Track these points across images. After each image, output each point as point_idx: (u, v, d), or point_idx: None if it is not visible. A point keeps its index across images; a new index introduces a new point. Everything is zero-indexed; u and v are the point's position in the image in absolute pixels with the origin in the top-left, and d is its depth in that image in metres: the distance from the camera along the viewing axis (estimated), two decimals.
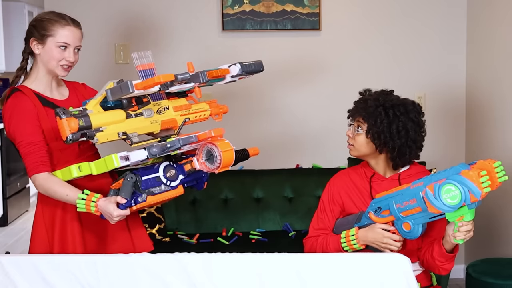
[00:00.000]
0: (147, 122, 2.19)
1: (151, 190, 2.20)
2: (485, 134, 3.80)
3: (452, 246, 2.19)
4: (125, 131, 2.14)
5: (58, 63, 2.32)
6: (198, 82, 2.24)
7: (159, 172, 2.23)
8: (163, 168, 2.24)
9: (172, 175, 2.25)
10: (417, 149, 2.31)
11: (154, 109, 2.22)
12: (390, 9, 4.00)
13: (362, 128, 2.31)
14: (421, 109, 2.35)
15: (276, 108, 4.00)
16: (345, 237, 2.28)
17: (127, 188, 2.14)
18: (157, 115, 2.22)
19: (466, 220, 2.05)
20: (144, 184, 2.18)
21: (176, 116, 2.28)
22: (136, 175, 2.17)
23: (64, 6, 3.86)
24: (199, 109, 2.35)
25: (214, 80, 2.28)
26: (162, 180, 2.23)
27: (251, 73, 2.39)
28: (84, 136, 2.06)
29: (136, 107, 2.19)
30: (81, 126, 2.03)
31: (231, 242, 3.52)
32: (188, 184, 2.33)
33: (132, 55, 2.16)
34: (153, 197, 2.20)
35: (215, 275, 1.99)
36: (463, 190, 1.97)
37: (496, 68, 3.65)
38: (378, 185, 2.34)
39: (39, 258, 2.06)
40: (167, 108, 2.26)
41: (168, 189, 2.24)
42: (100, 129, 2.09)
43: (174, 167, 2.27)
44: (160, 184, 2.22)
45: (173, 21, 3.91)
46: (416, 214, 2.13)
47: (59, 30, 2.32)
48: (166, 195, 2.24)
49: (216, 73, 2.25)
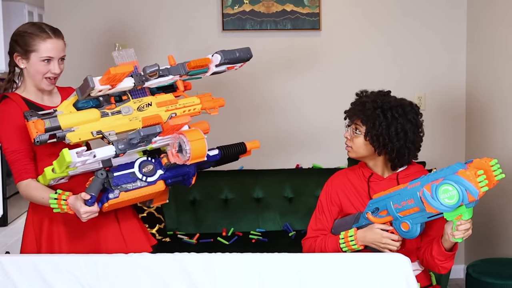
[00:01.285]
0: (126, 119, 2.14)
1: (124, 186, 2.13)
2: (485, 134, 3.80)
3: (451, 244, 2.19)
4: (99, 130, 2.10)
5: (44, 76, 2.32)
6: (177, 74, 2.18)
7: (134, 168, 2.16)
8: (139, 163, 2.17)
9: (149, 170, 2.17)
10: (416, 150, 2.31)
11: (134, 106, 2.15)
12: (390, 9, 4.01)
13: (360, 131, 2.30)
14: (419, 110, 2.34)
15: (276, 108, 4.00)
16: (344, 238, 2.27)
17: (94, 184, 2.10)
18: (137, 112, 2.15)
19: (464, 219, 2.05)
20: (116, 180, 2.12)
21: (160, 111, 2.18)
22: (108, 172, 2.12)
23: (64, 6, 3.88)
24: (188, 103, 2.24)
25: (197, 71, 2.22)
26: (138, 175, 2.15)
27: (239, 61, 2.29)
28: (54, 137, 2.05)
29: (114, 105, 2.14)
30: (47, 128, 2.03)
31: (231, 242, 3.52)
32: (173, 180, 2.24)
33: (112, 54, 2.15)
34: (127, 193, 2.13)
35: (215, 275, 1.99)
36: (460, 190, 1.98)
37: (496, 69, 3.65)
38: (376, 185, 2.34)
39: (39, 258, 2.06)
40: (149, 104, 2.18)
41: (145, 185, 2.16)
42: (72, 129, 2.07)
43: (152, 162, 2.19)
44: (136, 180, 2.15)
45: (173, 21, 3.91)
46: (414, 214, 2.13)
47: (41, 45, 2.29)
48: (143, 191, 2.17)
49: (195, 63, 2.19)
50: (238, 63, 2.31)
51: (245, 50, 2.31)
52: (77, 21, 3.87)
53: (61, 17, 3.86)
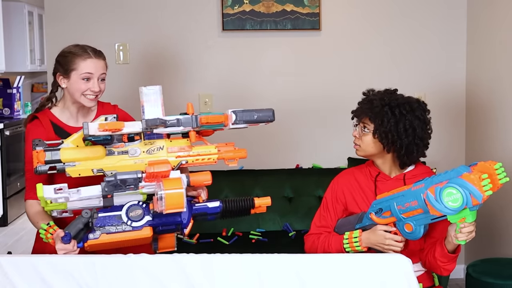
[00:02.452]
0: (130, 161, 2.11)
1: (107, 228, 2.07)
2: (485, 134, 3.80)
3: (454, 246, 2.19)
4: (101, 168, 2.09)
5: (83, 94, 2.40)
6: (189, 127, 2.11)
7: (121, 211, 2.09)
8: (128, 207, 2.10)
9: (136, 215, 2.09)
10: (424, 147, 2.33)
11: (143, 148, 2.12)
12: (390, 9, 4.00)
13: (368, 128, 2.32)
14: (426, 107, 2.36)
15: (275, 107, 3.97)
16: (348, 238, 2.28)
17: (75, 223, 2.08)
18: (145, 155, 2.11)
19: (468, 221, 2.05)
20: (99, 221, 2.07)
21: (170, 157, 2.12)
22: (93, 212, 2.09)
23: (64, 6, 3.87)
24: (202, 152, 2.17)
25: (210, 127, 2.14)
26: (123, 218, 2.08)
27: (257, 123, 2.19)
28: (54, 169, 2.08)
29: (123, 144, 2.12)
30: (47, 160, 2.06)
31: (231, 242, 3.51)
32: (164, 228, 2.13)
33: (139, 89, 2.13)
34: (108, 236, 2.07)
35: (214, 276, 1.99)
36: (464, 194, 1.97)
37: (496, 68, 3.64)
38: (383, 185, 2.35)
39: (38, 258, 2.06)
40: (161, 148, 2.13)
41: (129, 229, 2.08)
42: (73, 164, 2.08)
43: (141, 207, 2.11)
44: (120, 223, 2.08)
45: (173, 21, 3.91)
46: (417, 215, 2.13)
47: (81, 63, 2.38)
48: (126, 235, 2.08)
49: (207, 119, 2.11)
50: (256, 123, 2.20)
51: (265, 112, 2.20)
52: (77, 21, 3.86)
53: (61, 17, 3.86)
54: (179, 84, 3.89)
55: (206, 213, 2.19)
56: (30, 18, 7.00)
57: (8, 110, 6.63)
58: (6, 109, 6.62)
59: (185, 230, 2.15)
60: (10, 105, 6.64)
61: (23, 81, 6.94)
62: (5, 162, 5.76)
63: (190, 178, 2.11)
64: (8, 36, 6.51)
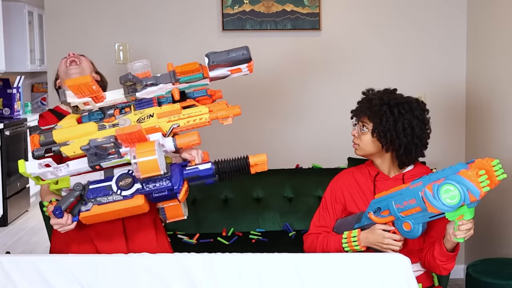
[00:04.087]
0: None
1: (98, 200, 2.06)
2: (485, 134, 3.80)
3: (453, 245, 2.19)
4: None
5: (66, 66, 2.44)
6: (168, 82, 2.09)
7: (112, 181, 2.08)
8: (118, 176, 2.09)
9: (126, 184, 2.06)
10: (423, 147, 2.33)
11: (134, 118, 2.09)
12: (390, 9, 4.00)
13: (367, 128, 2.32)
14: (425, 106, 2.36)
15: (275, 107, 4.00)
16: (347, 238, 2.28)
17: (66, 197, 2.08)
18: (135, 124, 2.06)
19: (466, 219, 2.06)
20: (90, 193, 2.07)
21: (161, 123, 2.09)
22: (85, 185, 2.09)
23: (64, 6, 3.88)
24: (193, 113, 2.11)
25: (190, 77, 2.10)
26: (113, 188, 2.06)
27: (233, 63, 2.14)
28: (50, 151, 2.07)
29: (114, 117, 2.10)
30: (41, 142, 2.06)
31: (231, 242, 3.51)
32: (157, 195, 2.07)
33: (127, 65, 2.14)
34: (100, 207, 2.06)
35: (215, 275, 1.99)
36: (462, 190, 1.98)
37: (496, 68, 3.64)
38: (382, 184, 2.35)
39: (39, 258, 2.06)
40: (151, 115, 2.09)
41: (120, 199, 2.06)
42: (67, 143, 2.07)
43: (131, 175, 2.08)
44: (111, 193, 2.06)
45: (173, 21, 3.91)
46: (415, 213, 2.14)
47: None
48: (118, 205, 2.06)
49: (181, 69, 2.07)
50: (233, 65, 2.15)
51: (239, 50, 2.14)
52: (77, 21, 3.86)
53: (61, 17, 3.86)
54: None
55: (199, 176, 2.12)
56: (30, 18, 7.01)
57: (8, 110, 6.63)
58: (6, 109, 6.63)
59: (178, 195, 2.09)
60: (10, 105, 6.64)
61: (23, 81, 6.94)
62: (5, 162, 5.76)
63: (177, 141, 2.07)
64: (8, 36, 6.51)
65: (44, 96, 7.59)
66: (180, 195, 2.09)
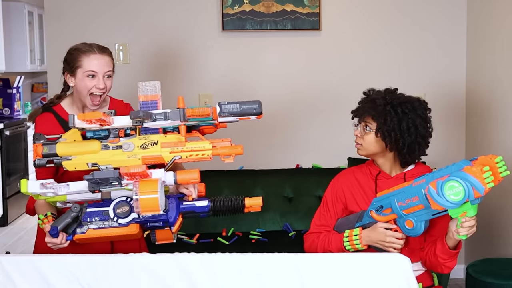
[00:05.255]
0: (124, 156, 2.10)
1: (94, 224, 2.11)
2: (485, 133, 3.80)
3: (455, 242, 2.19)
4: (96, 163, 2.10)
5: (89, 92, 2.41)
6: (176, 120, 2.09)
7: (109, 207, 2.12)
8: (116, 203, 2.13)
9: (123, 212, 2.11)
10: (425, 145, 2.34)
11: (138, 143, 2.11)
12: (390, 9, 4.00)
13: (371, 128, 2.32)
14: (427, 105, 2.37)
15: (275, 107, 3.99)
16: (348, 237, 2.28)
17: (63, 216, 2.12)
18: (139, 150, 2.10)
19: (469, 215, 2.06)
20: (86, 216, 2.11)
21: (164, 153, 2.10)
22: (82, 206, 2.13)
23: (64, 6, 3.88)
24: (196, 148, 2.11)
25: (199, 119, 2.11)
26: (110, 215, 2.11)
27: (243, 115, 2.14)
28: (52, 162, 2.12)
29: (119, 139, 2.13)
30: (44, 154, 2.10)
31: (231, 242, 3.51)
32: (152, 225, 2.13)
33: (138, 84, 2.14)
34: (95, 231, 2.10)
35: (215, 275, 1.99)
36: (466, 186, 1.98)
37: (496, 68, 3.65)
38: (383, 183, 2.35)
39: (39, 258, 2.06)
40: (155, 143, 2.11)
41: (116, 226, 2.11)
42: (69, 158, 2.11)
43: (129, 203, 2.12)
44: (107, 219, 2.11)
45: (173, 21, 3.91)
46: (418, 211, 2.14)
47: (85, 60, 2.39)
48: (113, 231, 2.11)
49: (192, 112, 2.07)
50: (243, 116, 2.14)
51: (251, 104, 2.14)
52: (77, 21, 3.86)
53: (61, 17, 3.86)
54: (179, 84, 3.89)
55: (194, 211, 2.18)
56: (30, 18, 7.01)
57: (8, 110, 6.63)
58: (6, 109, 6.63)
59: (172, 228, 2.14)
60: (10, 105, 6.65)
61: (23, 81, 6.94)
62: (5, 162, 5.76)
63: (177, 176, 2.10)
64: (8, 36, 6.51)
65: (44, 96, 7.59)
66: (174, 228, 2.15)
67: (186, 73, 3.92)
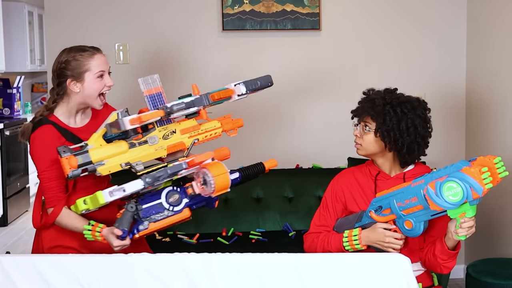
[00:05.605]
0: (152, 149, 2.22)
1: (153, 217, 2.22)
2: (485, 133, 3.80)
3: (454, 243, 2.19)
4: (128, 162, 2.19)
5: (99, 93, 2.42)
6: (202, 105, 2.24)
7: (161, 199, 2.24)
8: (166, 194, 2.25)
9: (175, 200, 2.25)
10: (425, 145, 2.34)
11: (159, 134, 2.24)
12: (390, 9, 4.01)
13: (370, 127, 2.33)
14: (427, 105, 2.37)
15: (275, 107, 4.00)
16: (348, 237, 2.28)
17: (125, 218, 2.19)
18: (163, 141, 2.24)
19: (468, 216, 2.06)
20: (145, 212, 2.21)
21: (184, 138, 2.29)
22: (136, 204, 2.20)
23: (64, 6, 3.88)
24: (209, 128, 2.34)
25: (219, 101, 2.29)
26: (165, 206, 2.23)
27: (260, 89, 2.38)
28: (86, 170, 2.15)
29: (141, 135, 2.22)
30: (80, 164, 2.13)
31: (231, 242, 3.51)
32: (198, 205, 2.32)
33: (138, 80, 2.22)
34: (156, 224, 2.22)
35: (215, 275, 1.99)
36: (464, 187, 1.98)
37: (496, 68, 3.65)
38: (383, 183, 2.35)
39: (39, 258, 2.06)
40: (174, 132, 2.27)
41: (172, 214, 2.25)
42: (102, 163, 2.16)
43: (177, 191, 2.26)
44: (163, 210, 2.23)
45: (173, 21, 3.91)
46: (417, 212, 2.14)
47: (92, 62, 2.39)
48: (171, 220, 2.25)
49: (219, 95, 2.27)
50: (259, 90, 2.39)
51: (265, 78, 2.39)
52: (77, 21, 3.86)
53: (61, 17, 3.86)
54: (179, 84, 3.89)
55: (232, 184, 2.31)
56: (30, 18, 7.01)
57: (8, 110, 6.63)
58: (6, 109, 6.63)
59: (214, 203, 2.34)
60: (10, 105, 6.65)
61: (23, 81, 6.94)
62: (5, 162, 5.76)
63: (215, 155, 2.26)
64: (8, 36, 6.51)
65: (44, 96, 7.59)
66: (216, 203, 2.36)
67: (186, 73, 3.92)
